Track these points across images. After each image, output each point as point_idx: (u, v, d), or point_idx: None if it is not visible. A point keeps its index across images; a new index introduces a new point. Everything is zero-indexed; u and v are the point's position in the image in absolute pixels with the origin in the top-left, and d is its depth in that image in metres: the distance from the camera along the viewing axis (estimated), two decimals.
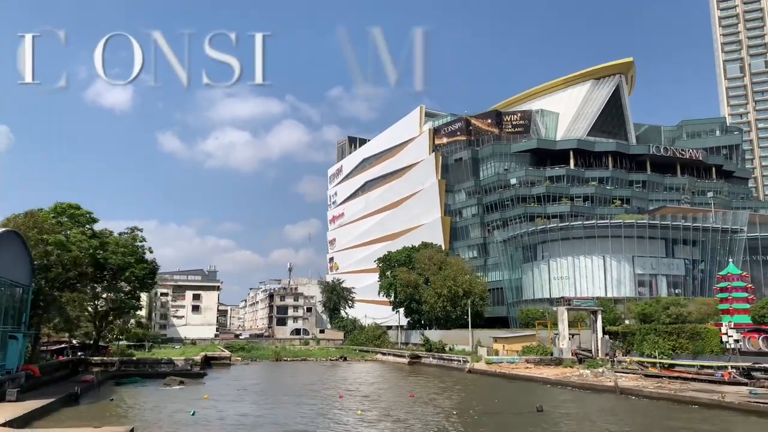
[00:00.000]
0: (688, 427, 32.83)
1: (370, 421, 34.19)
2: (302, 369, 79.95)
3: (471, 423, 33.60)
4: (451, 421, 34.44)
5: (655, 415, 36.43)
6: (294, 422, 33.85)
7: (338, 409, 39.13)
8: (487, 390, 52.84)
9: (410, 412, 37.56)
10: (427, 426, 32.77)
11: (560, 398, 45.33)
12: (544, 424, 32.70)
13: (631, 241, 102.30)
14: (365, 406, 40.67)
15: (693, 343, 64.60)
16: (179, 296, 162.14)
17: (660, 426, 33.57)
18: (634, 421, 35.20)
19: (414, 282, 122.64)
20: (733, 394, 40.48)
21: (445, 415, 36.21)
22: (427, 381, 62.52)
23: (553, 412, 36.61)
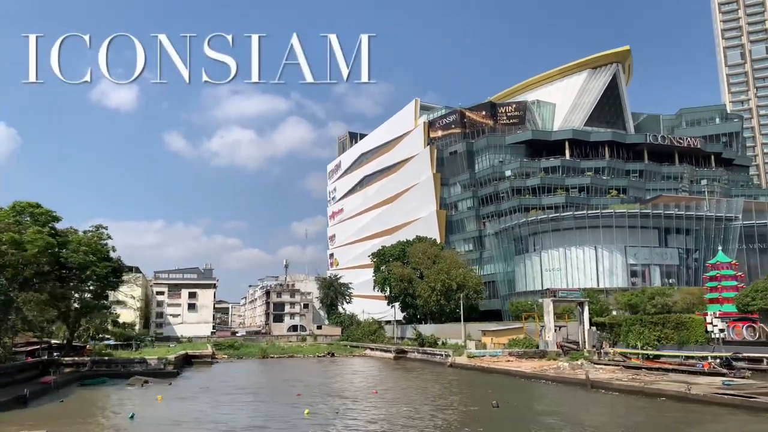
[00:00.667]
0: (640, 420, 31.56)
1: (314, 421, 33.01)
2: (286, 366, 78.90)
3: (416, 420, 32.55)
4: (397, 418, 33.35)
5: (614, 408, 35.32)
6: (235, 422, 32.94)
7: (291, 408, 37.89)
8: (458, 385, 51.73)
9: (363, 411, 36.42)
10: (370, 422, 31.59)
11: (527, 392, 44.22)
12: (487, 422, 31.74)
13: (624, 231, 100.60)
14: (322, 404, 39.53)
15: (678, 333, 63.19)
16: (175, 295, 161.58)
17: (610, 419, 32.45)
18: (587, 416, 34.00)
19: (408, 276, 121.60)
20: (704, 386, 39.04)
21: (396, 412, 35.02)
22: (405, 376, 61.49)
23: (509, 408, 35.37)
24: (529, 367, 56.21)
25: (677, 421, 31.50)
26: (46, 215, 55.08)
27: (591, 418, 33.14)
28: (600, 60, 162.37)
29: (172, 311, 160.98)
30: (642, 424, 31.52)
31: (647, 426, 31.04)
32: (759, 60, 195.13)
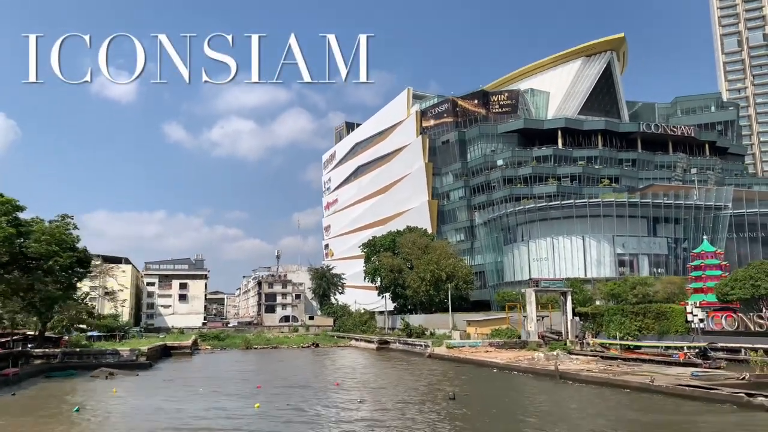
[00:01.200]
0: (594, 411, 30.78)
1: (262, 415, 32.21)
2: (266, 357, 78.17)
3: (369, 412, 31.83)
4: (349, 410, 32.79)
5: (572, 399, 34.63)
6: (178, 416, 32.29)
7: (245, 400, 36.99)
8: (428, 376, 50.97)
9: (316, 403, 35.67)
10: (314, 416, 30.86)
11: (492, 383, 43.77)
12: (433, 414, 31.04)
13: (612, 220, 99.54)
14: (279, 396, 38.65)
15: (659, 323, 62.31)
16: (166, 285, 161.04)
17: (562, 409, 31.72)
18: (541, 406, 33.41)
19: (397, 266, 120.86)
20: (671, 377, 38.16)
21: (348, 404, 34.26)
22: (380, 367, 60.80)
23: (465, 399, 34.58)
24: (505, 357, 55.39)
25: (632, 410, 30.79)
26: (7, 205, 54.03)
27: (542, 409, 32.53)
28: (594, 48, 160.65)
29: (163, 302, 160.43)
30: (594, 414, 30.88)
31: (599, 416, 30.29)
32: (756, 47, 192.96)
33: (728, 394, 29.45)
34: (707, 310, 60.65)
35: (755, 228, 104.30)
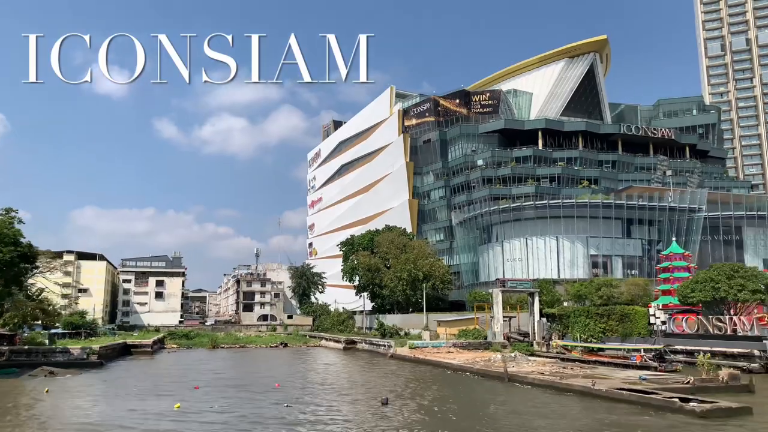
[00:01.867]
0: (528, 413, 30.09)
1: (177, 415, 31.29)
2: (230, 357, 77.03)
3: (291, 415, 31.25)
4: (272, 412, 32.07)
5: (507, 403, 34.13)
6: (85, 415, 31.62)
7: (170, 401, 35.68)
8: (381, 377, 50.25)
9: (245, 405, 34.69)
10: (239, 418, 30.00)
11: (438, 385, 43.07)
12: (358, 418, 30.44)
13: (586, 221, 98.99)
14: (213, 397, 37.64)
15: (622, 325, 61.75)
16: (142, 283, 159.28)
17: (499, 412, 31.05)
18: (473, 409, 32.75)
19: (375, 266, 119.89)
20: (616, 381, 37.52)
21: (277, 407, 33.46)
22: (337, 368, 60.04)
23: (397, 403, 33.83)
24: (463, 358, 54.66)
25: (566, 414, 30.16)
26: None
27: (473, 412, 31.90)
28: (577, 49, 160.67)
29: (139, 299, 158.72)
30: (525, 415, 30.41)
31: (529, 418, 29.84)
32: (739, 52, 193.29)
33: (662, 399, 28.79)
34: (670, 313, 60.18)
35: (730, 231, 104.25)
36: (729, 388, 35.21)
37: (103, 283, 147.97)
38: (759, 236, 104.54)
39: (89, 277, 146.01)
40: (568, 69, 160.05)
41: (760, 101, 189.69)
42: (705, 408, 26.56)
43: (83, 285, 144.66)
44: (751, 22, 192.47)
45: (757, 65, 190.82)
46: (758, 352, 47.39)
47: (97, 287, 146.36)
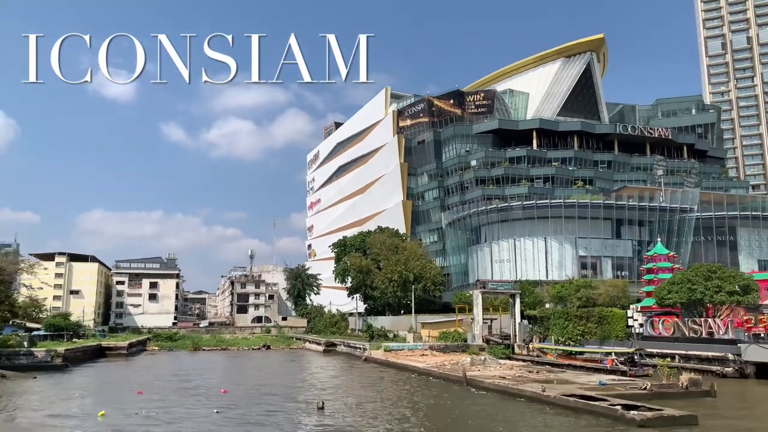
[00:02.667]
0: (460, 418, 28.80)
1: (99, 423, 30.17)
2: (206, 359, 75.90)
3: (216, 422, 30.22)
4: (198, 419, 31.11)
5: (452, 408, 33.06)
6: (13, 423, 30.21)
7: (101, 408, 34.26)
8: (344, 381, 49.16)
9: (173, 411, 33.54)
10: (168, 423, 28.87)
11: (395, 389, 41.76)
12: (282, 422, 29.47)
13: (576, 222, 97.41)
14: (154, 403, 36.46)
15: (601, 327, 60.29)
16: (136, 285, 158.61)
17: (435, 416, 29.71)
18: (408, 414, 31.62)
19: (366, 267, 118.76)
20: (573, 386, 36.15)
21: (206, 413, 32.41)
22: (306, 371, 58.95)
23: (335, 407, 32.73)
24: (433, 361, 53.40)
25: (497, 420, 29.24)
26: None
27: (405, 416, 30.75)
28: (574, 48, 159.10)
29: (133, 301, 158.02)
30: (455, 420, 29.31)
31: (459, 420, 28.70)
32: (740, 50, 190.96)
33: (605, 407, 27.48)
34: (649, 315, 58.68)
35: (723, 232, 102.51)
36: (689, 394, 33.88)
37: (95, 284, 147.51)
38: (753, 237, 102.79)
39: (81, 279, 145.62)
40: (564, 69, 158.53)
41: (761, 100, 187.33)
42: (645, 417, 25.24)
43: (75, 287, 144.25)
44: (752, 20, 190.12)
45: (758, 64, 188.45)
46: (732, 356, 45.93)
47: (89, 289, 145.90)
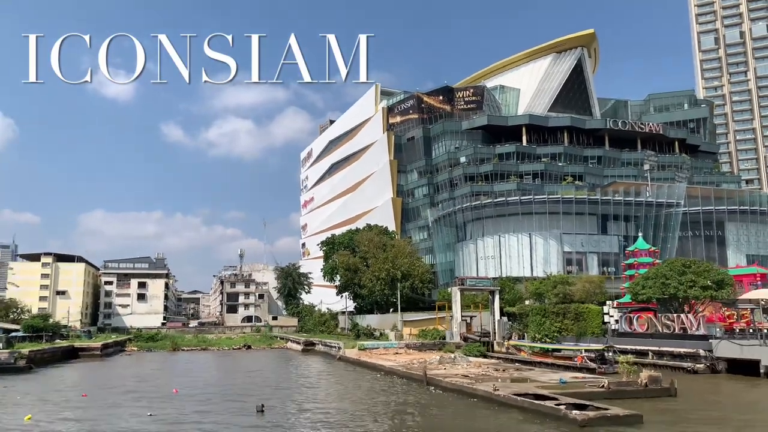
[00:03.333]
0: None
1: (22, 427, 29.14)
2: (181, 360, 74.88)
3: (143, 424, 29.06)
4: (127, 422, 30.07)
5: (397, 407, 32.13)
6: None
7: (33, 411, 33.22)
8: (305, 381, 48.10)
9: (106, 413, 32.53)
10: (93, 426, 27.90)
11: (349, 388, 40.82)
12: (213, 427, 28.41)
13: (561, 217, 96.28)
14: (96, 407, 35.35)
15: (577, 324, 59.20)
16: (124, 285, 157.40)
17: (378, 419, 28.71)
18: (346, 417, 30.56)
19: (353, 265, 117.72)
20: (527, 385, 35.11)
21: (139, 416, 31.40)
22: (273, 371, 58.12)
23: (274, 410, 31.74)
24: (403, 360, 52.37)
25: (439, 418, 28.42)
26: None
27: (341, 420, 29.86)
28: (564, 44, 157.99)
29: (121, 301, 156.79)
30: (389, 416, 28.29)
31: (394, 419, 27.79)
32: (732, 45, 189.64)
33: (550, 406, 26.46)
34: (625, 311, 57.59)
35: (711, 226, 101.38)
36: (649, 391, 32.81)
37: (82, 285, 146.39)
38: (741, 231, 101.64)
39: (68, 279, 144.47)
40: (555, 64, 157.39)
41: (754, 95, 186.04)
42: (587, 416, 24.21)
43: (61, 287, 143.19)
44: (745, 15, 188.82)
45: (751, 58, 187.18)
46: (704, 352, 44.87)
47: (76, 289, 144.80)
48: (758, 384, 39.50)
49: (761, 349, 41.02)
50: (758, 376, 40.76)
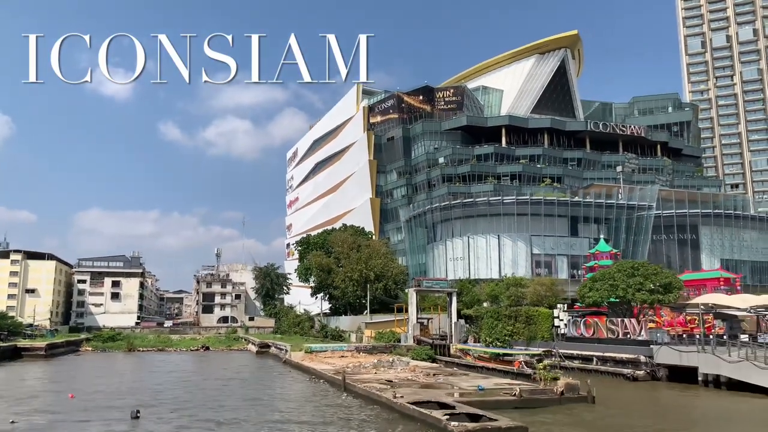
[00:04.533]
0: None
1: None
2: (129, 362, 72.72)
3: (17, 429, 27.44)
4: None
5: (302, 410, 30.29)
6: None
7: None
8: (216, 384, 46.21)
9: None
10: None
11: (256, 394, 39.01)
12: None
13: (529, 219, 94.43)
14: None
15: (528, 327, 57.38)
16: (98, 283, 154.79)
17: None
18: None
19: (326, 266, 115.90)
20: (455, 390, 33.23)
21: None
22: (205, 373, 56.13)
23: (148, 416, 29.91)
24: (343, 363, 50.32)
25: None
26: None
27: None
28: (548, 45, 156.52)
29: (95, 300, 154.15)
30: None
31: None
32: (719, 49, 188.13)
33: (433, 416, 24.64)
34: (575, 315, 55.79)
35: (685, 230, 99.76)
36: (564, 399, 31.01)
37: (52, 283, 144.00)
38: (716, 235, 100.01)
39: (37, 277, 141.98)
40: (538, 65, 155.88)
41: (740, 99, 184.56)
42: (466, 428, 22.39)
43: (31, 285, 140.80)
44: (732, 19, 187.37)
45: (738, 62, 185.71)
46: (644, 359, 43.05)
47: (46, 287, 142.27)
48: (690, 392, 37.64)
49: (699, 355, 39.20)
50: (696, 383, 38.97)
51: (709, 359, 38.26)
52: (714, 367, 37.74)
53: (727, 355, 36.88)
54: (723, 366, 36.93)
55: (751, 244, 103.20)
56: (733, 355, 36.84)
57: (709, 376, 38.10)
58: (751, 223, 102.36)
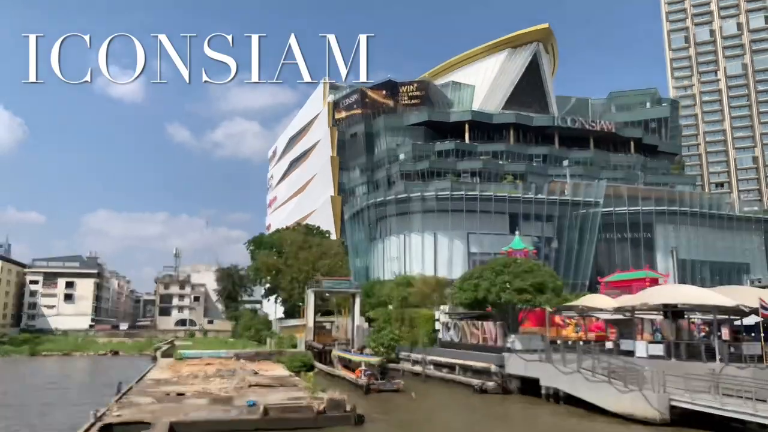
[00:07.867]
0: None
1: None
2: (17, 369, 68.36)
3: None
4: None
5: None
6: None
7: None
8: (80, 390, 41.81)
9: None
10: None
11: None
12: None
13: (464, 215, 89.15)
14: None
15: (412, 331, 52.15)
16: (51, 284, 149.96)
17: None
18: None
19: (275, 266, 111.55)
20: (211, 407, 28.20)
21: None
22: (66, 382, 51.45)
23: None
24: (185, 372, 45.35)
25: None
26: None
27: None
28: (520, 38, 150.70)
29: (47, 302, 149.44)
30: None
31: None
32: (703, 44, 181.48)
33: None
34: (456, 317, 50.39)
35: (638, 228, 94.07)
36: (323, 419, 25.93)
37: (0, 283, 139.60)
38: (671, 234, 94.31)
39: None
40: (510, 60, 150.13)
41: (724, 95, 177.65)
42: None
43: None
44: (715, 13, 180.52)
45: (722, 57, 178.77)
46: (495, 368, 37.75)
47: None
48: (517, 407, 32.27)
49: (539, 366, 33.87)
50: (539, 396, 33.62)
51: (548, 370, 32.97)
52: (553, 379, 32.43)
53: (563, 366, 31.53)
54: (560, 378, 31.63)
55: (712, 243, 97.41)
56: (571, 366, 31.48)
57: (549, 389, 32.79)
58: (709, 221, 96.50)
